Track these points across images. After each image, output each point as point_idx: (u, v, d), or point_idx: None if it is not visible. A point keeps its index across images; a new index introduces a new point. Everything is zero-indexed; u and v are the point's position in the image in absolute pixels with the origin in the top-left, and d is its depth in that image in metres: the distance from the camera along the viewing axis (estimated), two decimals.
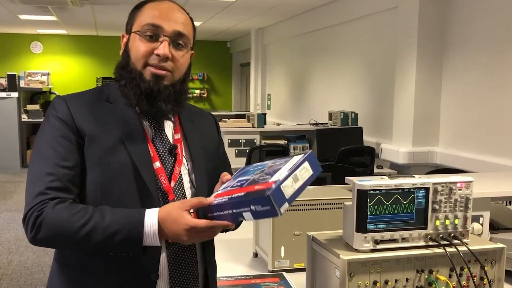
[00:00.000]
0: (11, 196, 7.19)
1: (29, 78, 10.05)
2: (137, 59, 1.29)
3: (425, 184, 1.25)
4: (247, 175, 1.20)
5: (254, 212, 1.09)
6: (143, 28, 1.28)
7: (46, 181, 1.19)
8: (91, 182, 1.23)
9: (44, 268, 4.48)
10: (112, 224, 1.14)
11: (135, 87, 1.28)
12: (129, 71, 1.29)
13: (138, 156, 1.25)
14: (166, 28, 1.28)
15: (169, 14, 1.30)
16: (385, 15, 5.09)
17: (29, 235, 1.18)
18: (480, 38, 3.93)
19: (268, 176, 1.12)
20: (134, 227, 1.15)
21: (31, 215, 1.16)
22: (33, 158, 1.25)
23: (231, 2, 6.45)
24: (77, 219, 1.14)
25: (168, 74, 1.29)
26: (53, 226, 1.15)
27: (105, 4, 6.91)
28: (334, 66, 6.46)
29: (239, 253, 2.14)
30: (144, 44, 1.28)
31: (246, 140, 4.87)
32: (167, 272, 1.28)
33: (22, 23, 9.21)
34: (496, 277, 1.28)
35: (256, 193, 1.08)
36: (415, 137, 4.41)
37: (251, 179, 1.16)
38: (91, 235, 1.14)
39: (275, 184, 1.06)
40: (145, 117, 1.32)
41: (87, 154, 1.23)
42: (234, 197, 1.13)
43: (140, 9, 1.33)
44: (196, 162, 1.37)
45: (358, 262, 1.18)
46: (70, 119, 1.25)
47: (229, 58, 12.36)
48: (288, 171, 1.10)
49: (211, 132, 1.50)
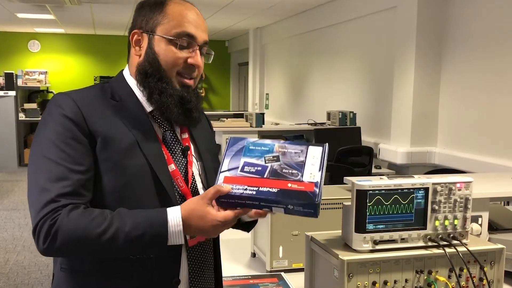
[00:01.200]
0: (8, 195, 7.17)
1: (27, 76, 10.04)
2: (170, 68, 1.24)
3: (425, 184, 1.24)
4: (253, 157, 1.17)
5: (289, 209, 1.09)
6: (178, 37, 1.23)
7: (57, 187, 1.10)
8: (108, 186, 1.17)
9: (41, 268, 4.47)
10: (135, 229, 1.09)
11: (170, 97, 1.23)
12: (159, 79, 1.24)
13: (154, 158, 1.21)
14: (199, 38, 1.26)
15: (199, 22, 1.28)
16: (383, 15, 5.09)
17: (41, 246, 1.10)
18: (478, 38, 3.93)
19: (297, 172, 1.12)
20: (158, 230, 1.10)
21: (43, 224, 1.08)
22: (37, 159, 1.15)
23: (229, 1, 6.44)
24: (96, 225, 1.08)
25: (193, 82, 1.29)
26: (71, 235, 1.07)
27: (103, 3, 6.90)
28: (332, 66, 6.46)
29: (237, 253, 2.13)
30: (179, 52, 1.24)
31: None
32: (187, 276, 1.26)
33: (19, 22, 9.19)
34: (496, 278, 1.28)
35: (297, 195, 1.08)
36: (413, 137, 4.41)
37: (269, 168, 1.14)
38: (113, 241, 1.08)
39: (317, 187, 1.09)
40: (154, 117, 1.28)
41: (102, 157, 1.17)
42: (265, 192, 1.11)
43: (163, 9, 1.26)
44: (206, 162, 1.36)
45: (357, 262, 1.18)
46: (81, 119, 1.17)
47: (227, 57, 12.35)
48: (320, 172, 1.12)
49: (209, 130, 1.49)
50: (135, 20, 1.30)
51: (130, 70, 1.31)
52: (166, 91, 1.23)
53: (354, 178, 1.32)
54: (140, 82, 1.26)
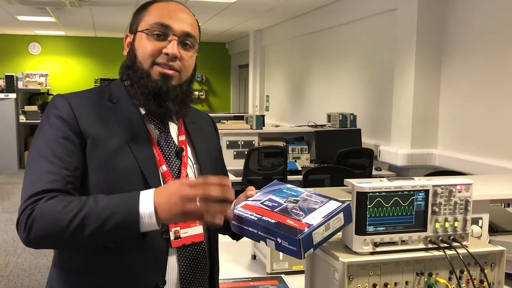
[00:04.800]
0: (8, 198, 7.17)
1: (27, 79, 10.05)
2: (144, 58, 1.26)
3: (425, 186, 1.24)
4: (280, 197, 1.22)
5: (278, 244, 1.10)
6: (151, 27, 1.26)
7: (44, 181, 1.13)
8: (95, 186, 1.18)
9: (42, 270, 4.46)
10: (106, 208, 1.07)
11: (142, 86, 1.25)
12: (135, 70, 1.26)
13: (144, 159, 1.22)
14: (175, 28, 1.26)
15: (178, 14, 1.29)
16: (383, 17, 5.09)
17: (22, 236, 1.11)
18: (479, 41, 3.93)
19: (302, 214, 1.13)
20: (129, 206, 1.07)
21: (23, 216, 1.10)
22: (31, 157, 1.19)
23: (229, 3, 6.45)
24: (70, 209, 1.07)
25: (176, 74, 1.27)
26: (46, 220, 1.08)
27: (103, 5, 6.91)
28: (332, 68, 6.47)
29: (238, 255, 2.13)
30: (152, 43, 1.25)
31: (244, 141, 4.87)
32: (177, 277, 1.25)
33: (20, 24, 9.20)
34: (496, 280, 1.28)
35: (287, 229, 1.09)
36: (413, 139, 4.41)
37: (283, 206, 1.17)
38: (85, 223, 1.06)
39: (308, 228, 1.08)
40: (150, 119, 1.30)
41: (90, 156, 1.19)
42: (264, 220, 1.13)
43: (147, 9, 1.31)
44: (203, 165, 1.35)
45: (357, 264, 1.18)
46: (72, 119, 1.20)
47: (228, 59, 12.35)
48: (323, 219, 1.11)
49: (212, 134, 1.49)
50: (129, 25, 1.35)
51: None
52: (140, 81, 1.25)
53: (354, 180, 1.32)
54: (122, 77, 1.30)
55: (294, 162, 4.89)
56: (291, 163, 4.79)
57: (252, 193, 1.24)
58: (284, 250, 1.10)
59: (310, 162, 5.05)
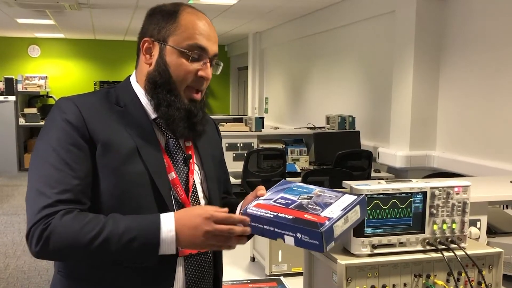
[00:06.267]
0: (8, 200, 7.16)
1: (27, 81, 10.05)
2: (180, 80, 1.24)
3: (423, 188, 1.24)
4: (292, 194, 1.21)
5: (298, 239, 1.09)
6: (190, 48, 1.22)
7: (54, 192, 1.10)
8: (106, 192, 1.17)
9: (41, 272, 4.46)
10: (127, 232, 1.07)
11: (177, 110, 1.23)
12: (168, 91, 1.23)
13: (154, 166, 1.21)
14: (210, 51, 1.25)
15: (211, 34, 1.26)
16: (382, 19, 5.10)
17: (34, 249, 1.08)
18: (477, 43, 3.94)
19: (319, 208, 1.13)
20: (150, 233, 1.08)
21: (36, 229, 1.08)
22: (37, 163, 1.15)
23: (228, 6, 6.46)
24: (90, 229, 1.07)
25: (200, 96, 1.28)
26: (64, 239, 1.07)
27: (103, 8, 6.91)
28: (331, 70, 6.47)
29: (237, 257, 2.13)
30: (191, 65, 1.23)
31: (243, 144, 4.87)
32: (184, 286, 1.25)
33: (20, 27, 9.20)
34: (494, 281, 1.28)
35: (307, 223, 1.08)
36: (412, 141, 4.41)
37: (298, 203, 1.17)
38: (106, 245, 1.06)
39: (329, 221, 1.08)
40: (158, 125, 1.28)
41: (101, 163, 1.16)
42: (281, 217, 1.12)
43: (176, 19, 1.24)
44: (208, 171, 1.35)
45: (355, 266, 1.18)
46: (82, 124, 1.16)
47: (227, 62, 12.36)
48: (342, 211, 1.11)
49: (215, 137, 1.48)
50: (146, 27, 1.28)
51: (138, 77, 1.30)
52: (174, 104, 1.23)
53: (353, 182, 1.33)
54: (149, 91, 1.25)
55: (293, 164, 4.90)
56: (290, 165, 4.80)
57: (262, 193, 1.22)
58: (304, 245, 1.09)
59: (309, 164, 5.06)
